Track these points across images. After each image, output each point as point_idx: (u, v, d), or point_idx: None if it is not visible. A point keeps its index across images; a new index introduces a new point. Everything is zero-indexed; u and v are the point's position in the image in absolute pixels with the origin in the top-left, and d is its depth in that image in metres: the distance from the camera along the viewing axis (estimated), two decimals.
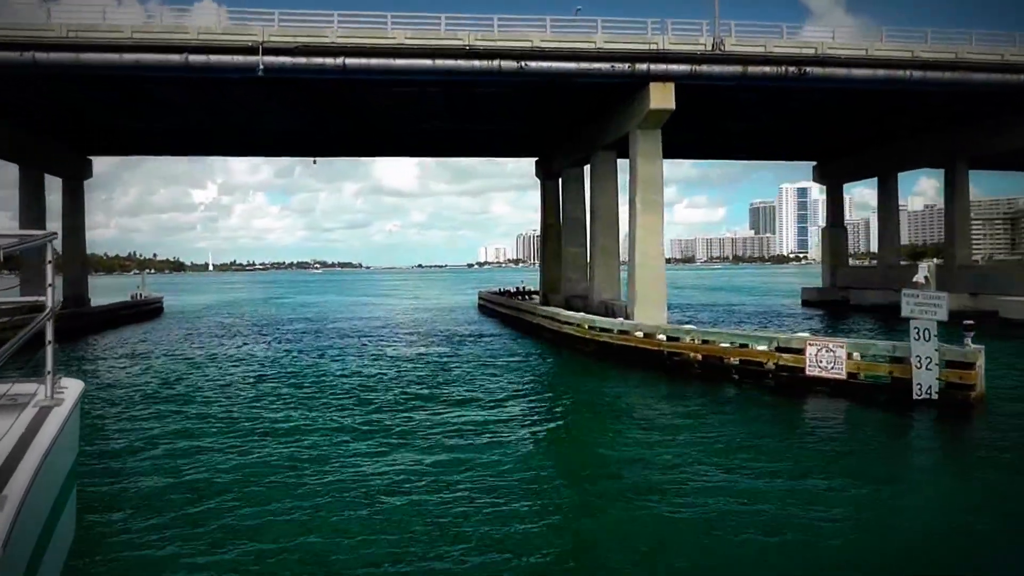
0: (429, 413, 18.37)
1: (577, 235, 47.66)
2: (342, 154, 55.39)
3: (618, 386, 22.92)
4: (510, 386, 22.54)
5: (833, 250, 59.86)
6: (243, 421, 17.86)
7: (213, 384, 23.85)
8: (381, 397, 20.71)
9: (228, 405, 19.96)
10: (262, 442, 15.54)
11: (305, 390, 22.14)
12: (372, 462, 13.86)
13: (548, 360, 29.06)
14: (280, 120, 41.61)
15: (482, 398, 20.47)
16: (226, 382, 24.22)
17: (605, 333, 28.48)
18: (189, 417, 18.40)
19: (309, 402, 20.17)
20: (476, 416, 17.94)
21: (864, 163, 54.01)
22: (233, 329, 46.75)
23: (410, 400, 20.17)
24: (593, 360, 28.28)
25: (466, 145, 50.93)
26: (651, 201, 34.65)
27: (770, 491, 12.02)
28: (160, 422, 17.75)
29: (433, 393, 21.26)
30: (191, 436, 16.21)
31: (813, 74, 33.70)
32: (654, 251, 34.85)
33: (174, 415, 18.64)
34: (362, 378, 24.23)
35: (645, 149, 34.47)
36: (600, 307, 39.54)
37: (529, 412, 18.88)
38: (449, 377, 24.22)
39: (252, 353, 31.72)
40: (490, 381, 23.39)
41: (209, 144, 50.35)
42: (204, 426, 17.33)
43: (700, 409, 19.18)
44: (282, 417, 18.19)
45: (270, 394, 21.44)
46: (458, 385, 22.63)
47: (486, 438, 15.73)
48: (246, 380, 24.49)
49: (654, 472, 13.19)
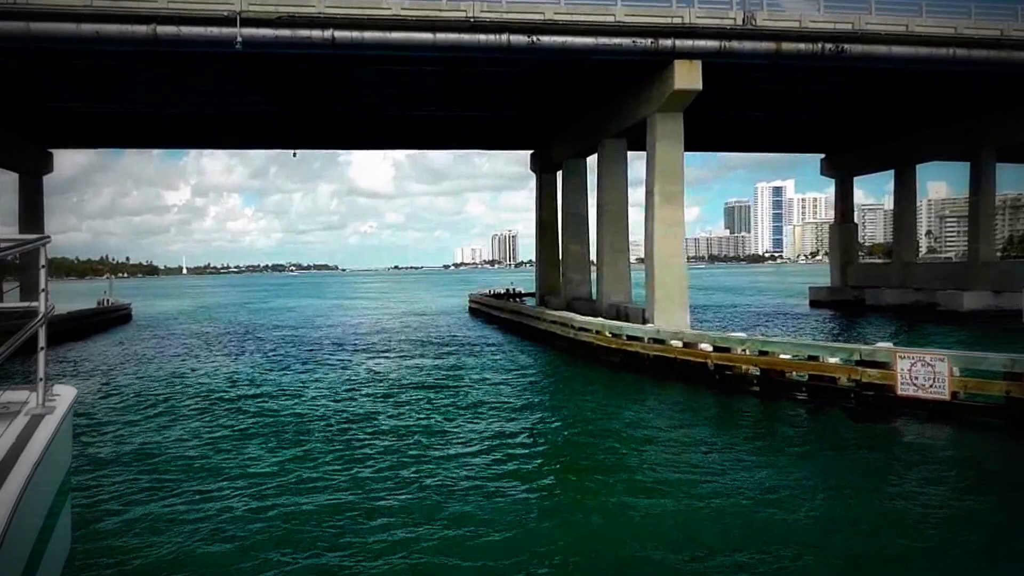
0: (437, 465, 13.87)
1: (580, 232, 44.29)
2: (325, 146, 51.72)
3: (662, 409, 19.50)
4: (533, 414, 18.90)
5: (843, 247, 56.70)
6: (216, 485, 14.14)
7: (178, 425, 18.76)
8: (375, 443, 15.90)
9: (197, 460, 15.18)
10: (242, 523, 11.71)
11: (285, 435, 16.86)
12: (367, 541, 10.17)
13: (567, 374, 25.52)
14: (258, 107, 37.81)
15: (505, 435, 16.41)
16: (193, 421, 19.29)
17: (634, 342, 25.01)
18: (151, 487, 14.52)
19: (289, 455, 15.02)
20: (501, 469, 13.60)
21: (878, 154, 50.86)
22: (206, 339, 42.76)
23: (411, 447, 15.49)
24: (620, 373, 24.84)
25: (458, 135, 47.26)
26: (671, 193, 31.32)
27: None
28: (103, 492, 12.59)
29: (438, 430, 17.06)
30: (156, 502, 12.54)
31: (851, 52, 30.50)
32: (675, 248, 31.55)
33: (130, 480, 13.40)
34: (352, 410, 20.16)
35: (666, 135, 31.13)
36: (610, 310, 36.18)
37: (569, 456, 15.26)
38: (456, 403, 20.41)
39: (226, 373, 27.69)
40: (507, 408, 19.70)
41: (179, 135, 46.19)
42: (171, 494, 13.59)
43: (773, 441, 15.79)
44: (256, 477, 13.84)
45: (244, 445, 16.20)
46: (469, 417, 18.40)
47: (521, 508, 11.49)
48: (217, 416, 19.53)
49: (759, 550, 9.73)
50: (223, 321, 59.27)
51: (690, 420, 17.74)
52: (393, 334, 42.60)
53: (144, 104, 36.83)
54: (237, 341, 39.88)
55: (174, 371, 28.05)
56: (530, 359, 30.03)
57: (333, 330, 46.76)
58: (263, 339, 40.53)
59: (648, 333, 24.43)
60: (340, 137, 47.35)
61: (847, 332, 38.92)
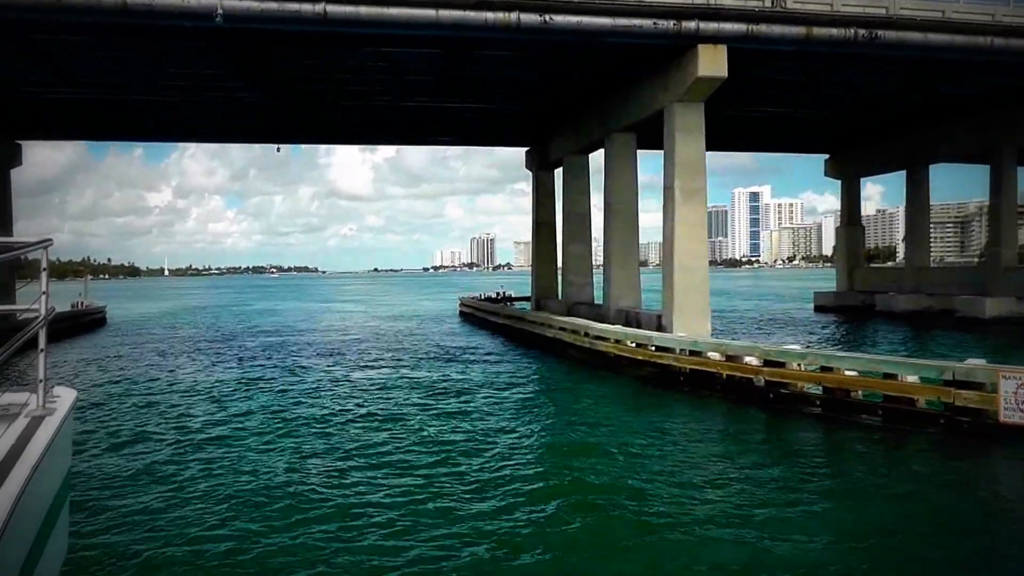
0: (447, 510, 11.33)
1: (582, 233, 41.75)
2: (311, 139, 48.82)
3: (707, 435, 16.96)
4: (561, 446, 16.27)
5: (850, 250, 54.39)
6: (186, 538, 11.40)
7: (150, 453, 16.12)
8: (372, 483, 13.01)
9: (173, 492, 12.91)
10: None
11: (267, 472, 13.95)
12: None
13: (588, 389, 22.82)
14: (240, 96, 34.99)
15: (532, 476, 13.48)
16: (167, 448, 16.52)
17: (665, 353, 22.39)
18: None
19: (276, 509, 12.07)
20: (530, 531, 10.66)
21: (887, 154, 48.45)
22: (185, 346, 39.79)
23: (417, 487, 12.63)
24: (649, 388, 22.26)
25: (452, 129, 44.52)
26: (692, 190, 28.84)
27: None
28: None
29: (444, 462, 14.15)
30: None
31: (885, 39, 28.15)
32: (696, 250, 29.06)
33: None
34: (344, 434, 17.38)
35: (686, 126, 28.66)
36: (619, 316, 33.67)
37: (614, 507, 12.71)
38: (462, 426, 17.61)
39: (203, 387, 24.64)
40: (523, 432, 17.07)
41: (156, 126, 43.10)
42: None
43: (849, 479, 13.26)
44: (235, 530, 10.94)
45: (223, 478, 13.71)
46: (481, 449, 15.32)
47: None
48: (187, 450, 16.64)
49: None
50: (203, 326, 56.20)
51: (740, 448, 15.19)
52: (384, 341, 39.84)
53: (117, 90, 33.85)
54: (217, 350, 36.99)
55: (144, 388, 25.17)
56: (542, 372, 27.33)
57: (319, 336, 43.90)
58: (245, 347, 37.66)
59: (683, 344, 21.80)
60: (327, 130, 44.52)
61: (866, 339, 36.60)
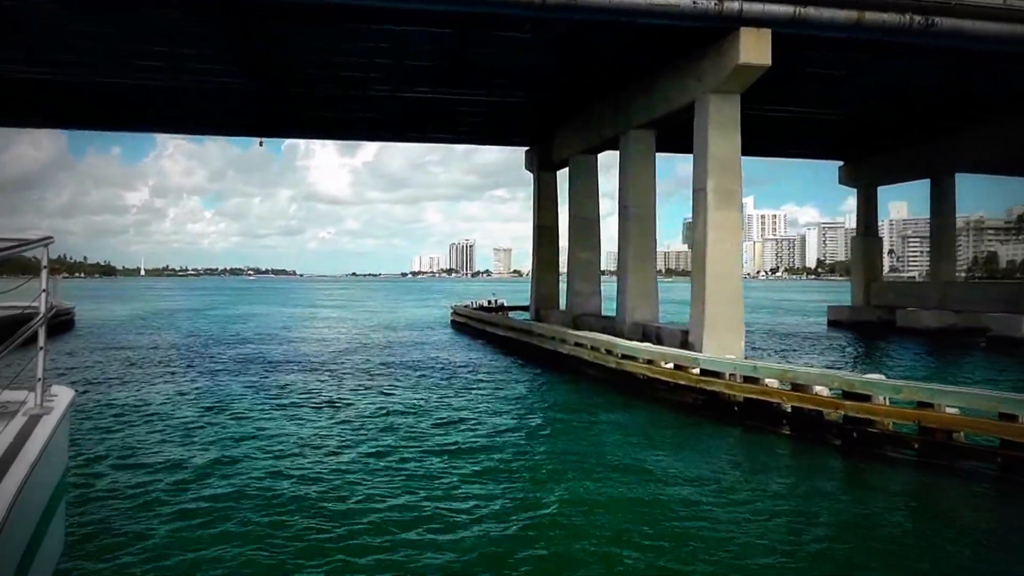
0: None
1: (590, 238, 38.85)
2: (295, 132, 45.65)
3: (783, 490, 13.91)
4: (587, 498, 13.10)
5: (867, 262, 51.40)
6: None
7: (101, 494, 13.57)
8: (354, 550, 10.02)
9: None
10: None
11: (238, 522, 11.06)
12: None
13: (619, 421, 19.62)
14: (219, 80, 31.73)
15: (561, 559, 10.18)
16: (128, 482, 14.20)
17: (713, 379, 19.25)
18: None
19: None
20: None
21: (910, 161, 45.42)
22: (156, 354, 36.24)
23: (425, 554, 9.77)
24: (692, 417, 19.19)
25: (450, 124, 41.23)
26: (727, 192, 25.92)
27: None
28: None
29: (449, 527, 11.01)
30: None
31: (941, 27, 25.34)
32: (731, 258, 26.15)
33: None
34: (329, 478, 14.27)
35: (721, 121, 25.75)
36: (634, 331, 30.71)
37: None
38: (466, 467, 14.51)
39: (168, 412, 21.28)
40: (545, 480, 13.94)
41: (128, 113, 39.52)
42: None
43: (972, 552, 10.30)
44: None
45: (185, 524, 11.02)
46: (494, 510, 12.02)
47: None
48: (149, 481, 14.38)
49: None
50: (177, 332, 52.47)
51: (827, 508, 12.14)
52: (372, 353, 36.49)
53: (93, 71, 30.48)
54: (190, 361, 33.58)
55: (101, 410, 21.79)
56: (558, 395, 24.07)
57: (302, 347, 40.49)
58: (222, 359, 34.23)
59: (738, 368, 18.61)
60: (320, 123, 41.11)
61: (902, 360, 33.76)
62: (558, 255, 45.12)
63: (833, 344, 40.95)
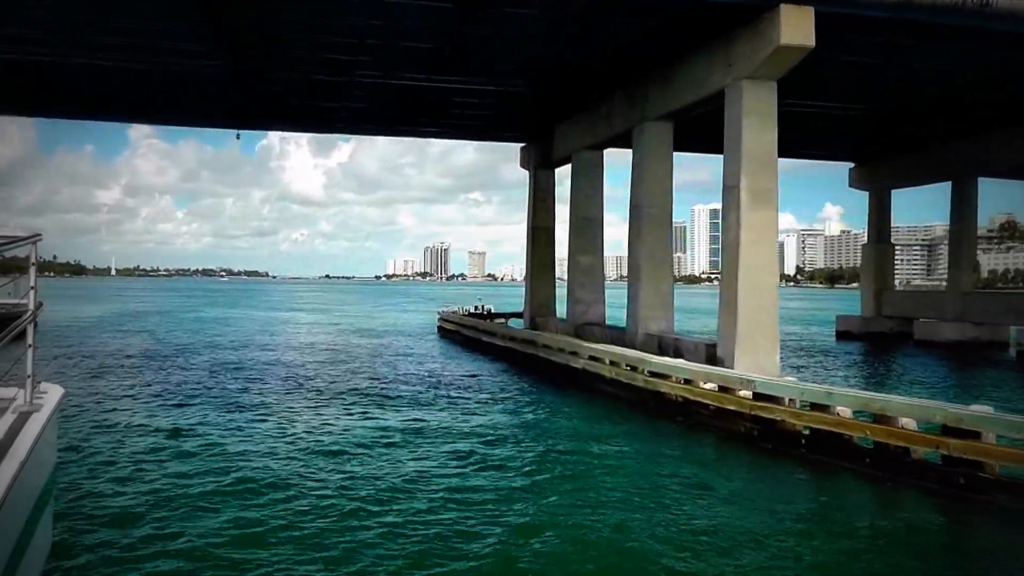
0: None
1: (593, 241, 36.03)
2: (276, 124, 42.38)
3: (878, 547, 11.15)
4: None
5: (878, 270, 48.71)
6: None
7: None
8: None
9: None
10: None
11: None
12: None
13: (653, 452, 16.87)
14: (194, 61, 28.60)
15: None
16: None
17: (770, 404, 16.37)
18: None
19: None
20: None
21: (929, 163, 42.81)
22: (119, 364, 32.93)
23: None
24: (742, 450, 16.38)
25: (442, 115, 38.06)
26: (763, 189, 23.22)
27: None
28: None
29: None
30: None
31: (997, 7, 22.80)
32: (767, 264, 23.50)
33: None
34: (319, 532, 11.47)
35: (756, 110, 23.05)
36: (648, 343, 27.96)
37: None
38: (471, 517, 11.79)
39: (132, 436, 18.52)
40: (571, 541, 11.16)
41: (92, 98, 36.15)
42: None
43: None
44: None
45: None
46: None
47: None
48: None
49: None
50: (146, 337, 49.01)
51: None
52: (359, 366, 33.36)
53: (47, 48, 27.18)
54: (157, 371, 30.40)
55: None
56: (573, 419, 21.01)
57: (279, 356, 37.28)
58: (192, 369, 31.04)
59: (803, 394, 15.68)
60: (294, 111, 37.89)
61: (944, 379, 31.19)
62: (554, 259, 42.32)
63: (851, 358, 38.31)
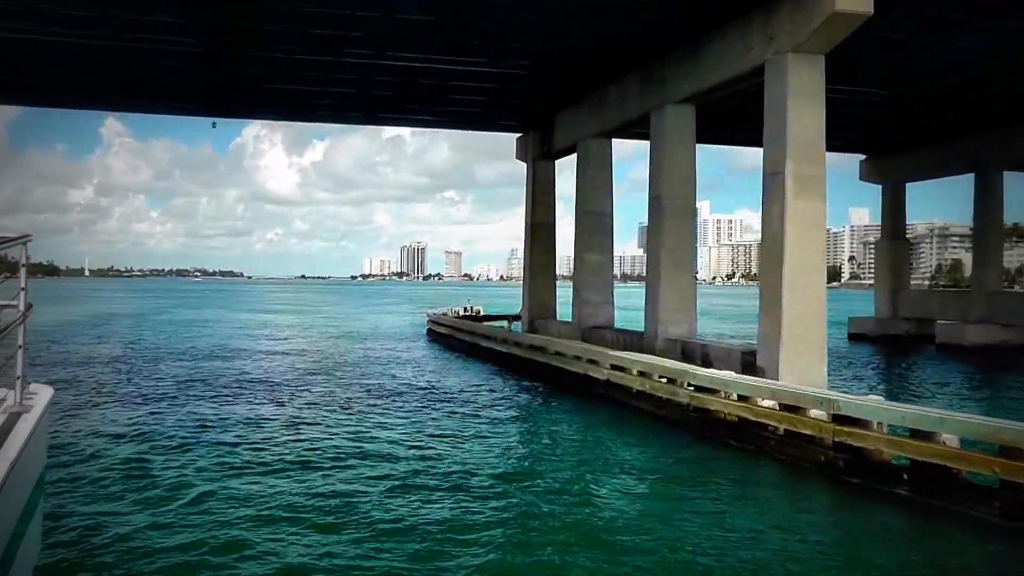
0: None
1: (601, 237, 33.39)
2: (254, 112, 39.31)
3: None
4: None
5: (894, 268, 46.07)
6: None
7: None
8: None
9: None
10: None
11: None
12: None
13: (741, 498, 14.11)
14: (165, 39, 25.60)
15: None
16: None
17: (860, 431, 13.56)
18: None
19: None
20: None
21: (948, 155, 40.25)
22: (86, 375, 29.68)
23: None
24: (839, 487, 13.67)
25: (434, 102, 35.14)
26: (810, 177, 20.58)
27: None
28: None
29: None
30: None
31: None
32: (814, 261, 20.83)
33: None
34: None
35: (803, 88, 20.45)
36: (669, 348, 25.35)
37: None
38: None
39: (91, 464, 15.61)
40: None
41: (55, 80, 33.01)
42: None
43: None
44: None
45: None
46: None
47: None
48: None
49: None
50: (115, 341, 45.71)
51: None
52: (347, 376, 30.25)
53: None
54: (127, 381, 27.36)
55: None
56: (604, 442, 18.29)
57: (260, 364, 34.15)
58: (166, 380, 27.92)
59: (915, 420, 12.63)
60: (274, 96, 34.76)
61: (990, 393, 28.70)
62: (554, 258, 39.63)
63: (875, 365, 35.66)
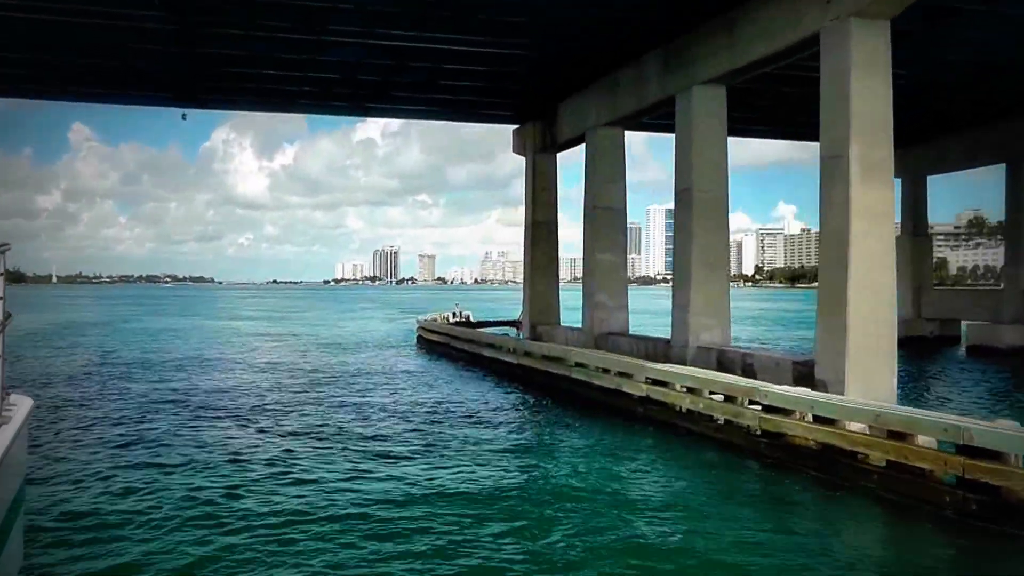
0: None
1: (614, 235, 30.69)
2: (226, 102, 35.81)
3: None
4: None
5: (916, 267, 42.46)
6: None
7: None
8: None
9: None
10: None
11: None
12: None
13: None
14: (126, 11, 22.51)
15: None
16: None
17: (997, 466, 10.77)
18: None
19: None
20: None
21: (974, 144, 37.60)
22: (47, 395, 26.19)
23: None
24: (962, 539, 10.97)
25: (427, 88, 32.02)
26: (877, 162, 17.86)
27: None
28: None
29: None
30: None
31: None
32: (883, 258, 18.03)
33: None
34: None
35: (866, 58, 17.72)
36: (702, 358, 22.69)
37: None
38: None
39: (46, 502, 12.62)
40: None
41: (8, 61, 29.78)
42: None
43: None
44: None
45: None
46: None
47: None
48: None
49: None
50: (80, 353, 42.21)
51: None
52: (335, 390, 27.17)
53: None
54: (93, 402, 24.13)
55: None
56: (692, 490, 15.40)
57: (239, 379, 30.89)
58: (135, 400, 24.63)
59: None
60: (248, 82, 31.50)
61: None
62: (556, 258, 36.84)
63: (907, 372, 32.80)
